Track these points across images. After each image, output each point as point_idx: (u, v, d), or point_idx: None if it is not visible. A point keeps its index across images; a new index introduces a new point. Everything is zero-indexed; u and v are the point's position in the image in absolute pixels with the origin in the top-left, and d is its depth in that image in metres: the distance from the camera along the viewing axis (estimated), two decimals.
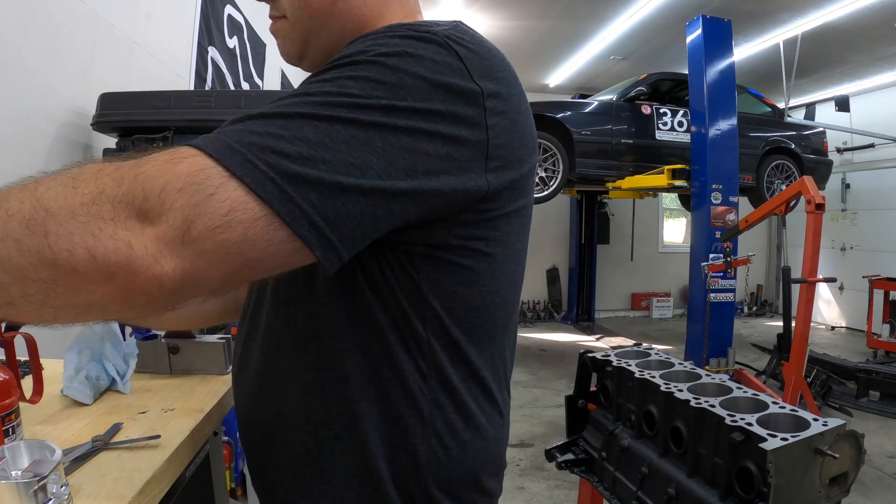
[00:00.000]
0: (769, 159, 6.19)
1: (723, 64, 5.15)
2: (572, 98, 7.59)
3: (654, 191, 6.68)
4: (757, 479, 1.09)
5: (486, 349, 0.71)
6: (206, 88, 3.39)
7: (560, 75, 7.99)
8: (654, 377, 1.44)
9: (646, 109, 5.84)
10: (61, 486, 0.65)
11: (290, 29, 0.73)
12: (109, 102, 2.00)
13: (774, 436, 1.08)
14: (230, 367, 1.35)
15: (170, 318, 1.01)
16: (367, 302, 0.65)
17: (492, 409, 0.73)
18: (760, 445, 1.06)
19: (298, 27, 0.73)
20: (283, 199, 0.50)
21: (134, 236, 0.47)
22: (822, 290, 8.23)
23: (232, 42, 3.94)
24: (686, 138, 5.70)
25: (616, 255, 8.89)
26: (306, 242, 0.52)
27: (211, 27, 3.49)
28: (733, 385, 1.38)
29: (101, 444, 0.85)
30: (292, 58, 0.77)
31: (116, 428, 0.91)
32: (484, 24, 5.98)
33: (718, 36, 5.15)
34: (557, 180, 5.49)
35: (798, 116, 7.20)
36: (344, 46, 0.63)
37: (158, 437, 0.86)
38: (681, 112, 5.87)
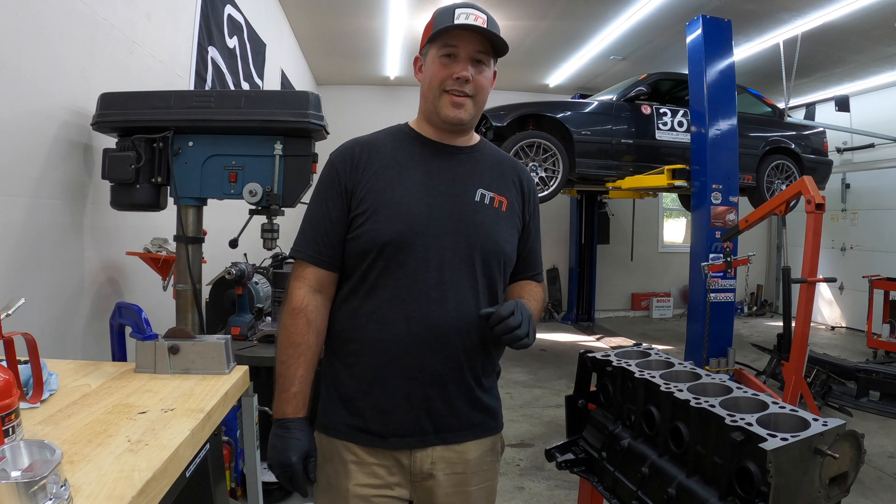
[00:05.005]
0: (769, 159, 6.19)
1: (723, 64, 5.14)
2: (572, 98, 7.59)
3: (654, 191, 6.68)
4: (757, 479, 1.09)
5: None
6: (206, 88, 3.39)
7: (560, 75, 7.99)
8: (654, 377, 1.44)
9: (646, 109, 5.84)
10: (61, 486, 0.65)
11: (473, 107, 1.29)
12: (109, 102, 2.00)
13: (774, 436, 1.08)
14: (231, 367, 1.35)
15: None
16: None
17: None
18: (760, 445, 1.06)
19: (478, 107, 1.31)
20: None
21: None
22: (823, 290, 8.23)
23: (232, 42, 3.94)
24: (686, 138, 5.69)
25: (616, 255, 8.89)
26: None
27: (211, 27, 3.49)
28: (733, 385, 1.38)
29: None
30: (464, 124, 1.30)
31: None
32: None
33: (718, 36, 5.14)
34: (557, 180, 5.49)
35: (798, 116, 7.20)
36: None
37: None
38: (681, 112, 5.87)
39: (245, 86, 4.24)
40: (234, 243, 2.16)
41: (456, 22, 1.23)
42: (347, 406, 1.28)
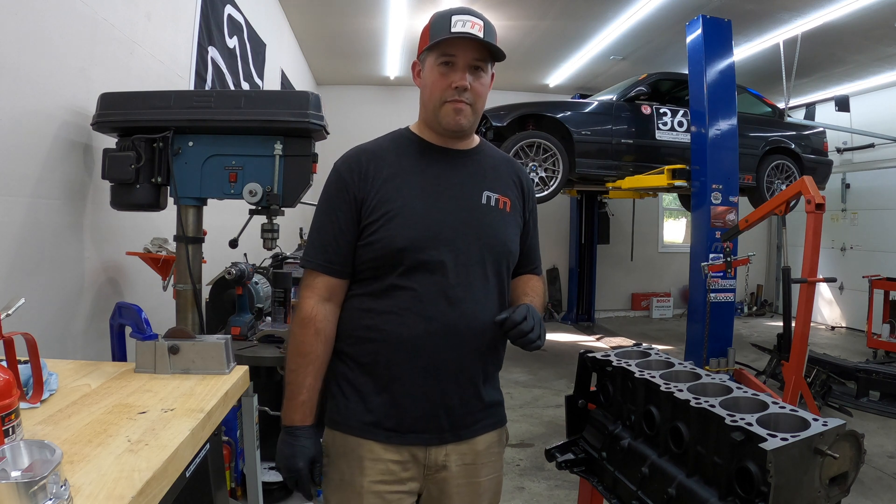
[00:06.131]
0: (769, 159, 6.19)
1: (723, 64, 5.14)
2: (572, 98, 7.58)
3: (654, 191, 6.68)
4: (757, 479, 1.09)
5: None
6: (206, 88, 3.39)
7: (560, 75, 7.99)
8: (654, 377, 1.44)
9: (646, 109, 5.84)
10: (61, 486, 0.65)
11: (472, 114, 1.32)
12: (109, 102, 2.00)
13: (774, 436, 1.08)
14: (231, 367, 1.35)
15: None
16: None
17: None
18: (760, 445, 1.06)
19: (477, 113, 1.34)
20: None
21: None
22: (823, 290, 8.23)
23: (232, 42, 3.93)
24: (686, 138, 5.69)
25: (616, 255, 8.88)
26: None
27: (211, 27, 3.49)
28: (733, 385, 1.38)
29: None
30: (464, 130, 1.34)
31: None
32: None
33: (718, 36, 5.14)
34: (557, 180, 5.49)
35: (798, 116, 7.19)
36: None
37: None
38: (681, 112, 5.87)
39: (245, 86, 4.23)
40: (234, 243, 2.16)
41: (453, 30, 1.24)
42: (363, 403, 1.30)
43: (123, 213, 2.13)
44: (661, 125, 5.85)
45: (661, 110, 5.89)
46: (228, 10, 3.84)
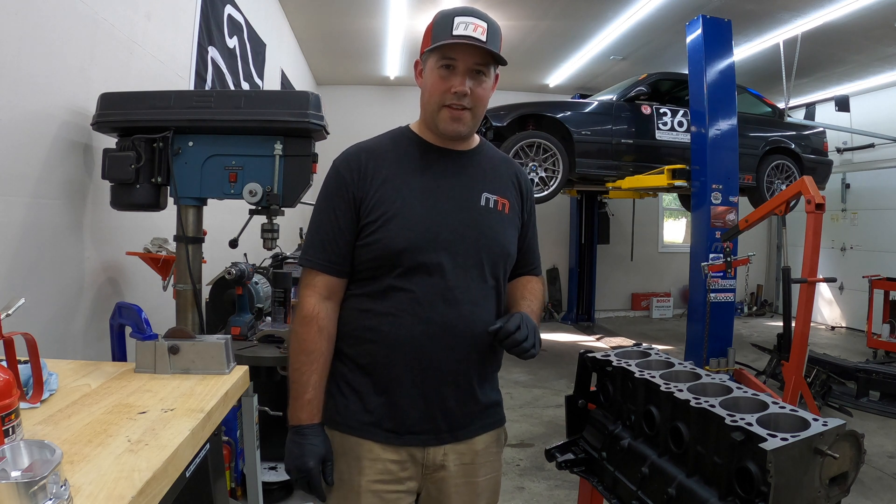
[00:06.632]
0: (769, 159, 6.19)
1: (723, 64, 5.14)
2: (572, 98, 7.58)
3: (654, 191, 6.68)
4: (757, 479, 1.09)
5: None
6: (206, 88, 3.39)
7: (560, 75, 7.99)
8: (654, 377, 1.44)
9: (646, 109, 5.84)
10: (61, 486, 0.65)
11: (472, 119, 1.31)
12: (109, 102, 2.00)
13: (774, 436, 1.08)
14: (231, 367, 1.35)
15: None
16: None
17: None
18: (760, 445, 1.06)
19: (476, 118, 1.32)
20: None
21: None
22: (823, 290, 8.23)
23: (232, 42, 3.93)
24: (686, 138, 5.69)
25: (616, 255, 8.88)
26: None
27: (211, 27, 3.49)
28: (733, 385, 1.38)
29: None
30: (462, 136, 1.33)
31: None
32: None
33: (718, 36, 5.14)
34: (557, 180, 5.49)
35: (798, 116, 7.19)
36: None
37: None
38: (681, 112, 5.87)
39: (245, 86, 4.23)
40: (234, 243, 2.16)
41: (455, 33, 1.23)
42: (362, 403, 1.30)
43: (123, 213, 2.13)
44: (661, 125, 5.85)
45: (661, 110, 5.89)
46: (228, 10, 3.84)
